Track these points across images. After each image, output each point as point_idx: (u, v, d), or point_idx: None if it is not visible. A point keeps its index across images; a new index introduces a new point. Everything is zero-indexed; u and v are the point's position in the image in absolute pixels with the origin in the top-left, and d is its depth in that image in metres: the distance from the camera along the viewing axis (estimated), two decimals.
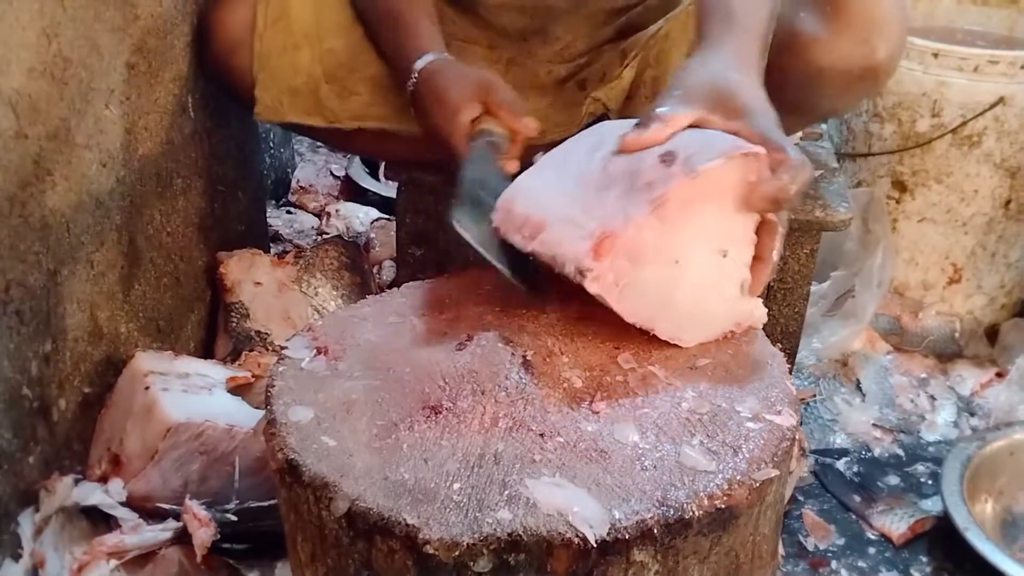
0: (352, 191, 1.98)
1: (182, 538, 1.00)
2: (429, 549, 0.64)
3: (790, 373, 0.84)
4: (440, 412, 0.76)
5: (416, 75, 1.07)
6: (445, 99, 1.03)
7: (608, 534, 0.65)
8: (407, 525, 0.65)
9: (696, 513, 0.67)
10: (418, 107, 1.08)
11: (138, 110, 1.14)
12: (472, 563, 0.65)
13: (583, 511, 0.66)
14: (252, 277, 1.36)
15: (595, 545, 0.64)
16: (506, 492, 0.68)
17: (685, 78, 0.85)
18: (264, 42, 1.20)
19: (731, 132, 0.80)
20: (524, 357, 0.82)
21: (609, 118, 1.06)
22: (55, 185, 0.98)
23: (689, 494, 0.68)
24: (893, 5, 1.09)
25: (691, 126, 0.81)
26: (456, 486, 0.68)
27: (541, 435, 0.74)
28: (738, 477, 0.70)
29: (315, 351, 0.84)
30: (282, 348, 0.84)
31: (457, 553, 0.64)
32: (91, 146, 1.04)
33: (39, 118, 0.94)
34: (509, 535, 0.65)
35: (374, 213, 1.88)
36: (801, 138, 1.39)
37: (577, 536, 0.64)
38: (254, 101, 1.23)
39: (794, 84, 1.11)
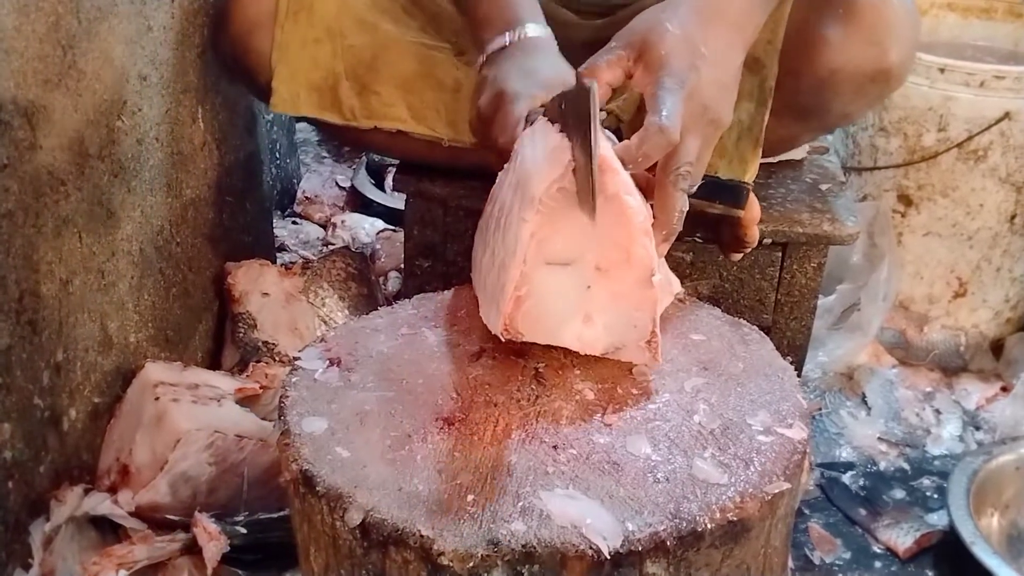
0: (357, 202, 1.99)
1: (191, 548, 1.01)
2: (444, 560, 0.65)
3: None
4: (453, 424, 0.76)
5: (514, 36, 1.00)
6: (531, 76, 0.95)
7: (621, 546, 0.65)
8: (422, 536, 0.65)
9: (708, 526, 0.67)
10: (498, 65, 0.99)
11: (149, 121, 1.14)
12: (486, 574, 0.65)
13: (596, 523, 0.67)
14: (260, 288, 1.37)
15: (608, 557, 0.65)
16: (520, 504, 0.68)
17: (633, 26, 0.88)
18: (284, 32, 1.18)
19: (645, 86, 0.84)
20: (536, 369, 0.83)
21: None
22: (68, 196, 0.98)
23: (702, 506, 0.68)
24: (904, 9, 1.10)
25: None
26: (470, 498, 0.69)
27: (554, 447, 0.74)
28: (750, 490, 0.70)
29: (328, 362, 0.84)
30: (295, 359, 0.85)
31: (471, 564, 0.65)
32: (103, 157, 1.04)
33: (53, 129, 0.95)
34: (523, 547, 0.65)
35: (379, 224, 1.88)
36: (808, 152, 1.39)
37: (591, 548, 0.65)
38: (270, 90, 1.20)
39: (806, 87, 1.11)
